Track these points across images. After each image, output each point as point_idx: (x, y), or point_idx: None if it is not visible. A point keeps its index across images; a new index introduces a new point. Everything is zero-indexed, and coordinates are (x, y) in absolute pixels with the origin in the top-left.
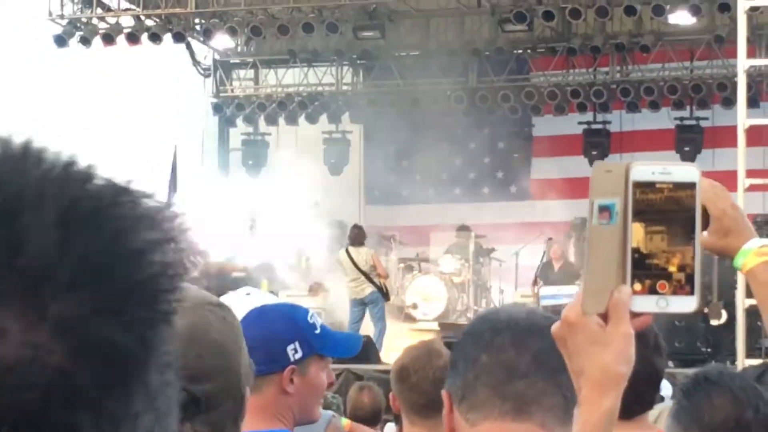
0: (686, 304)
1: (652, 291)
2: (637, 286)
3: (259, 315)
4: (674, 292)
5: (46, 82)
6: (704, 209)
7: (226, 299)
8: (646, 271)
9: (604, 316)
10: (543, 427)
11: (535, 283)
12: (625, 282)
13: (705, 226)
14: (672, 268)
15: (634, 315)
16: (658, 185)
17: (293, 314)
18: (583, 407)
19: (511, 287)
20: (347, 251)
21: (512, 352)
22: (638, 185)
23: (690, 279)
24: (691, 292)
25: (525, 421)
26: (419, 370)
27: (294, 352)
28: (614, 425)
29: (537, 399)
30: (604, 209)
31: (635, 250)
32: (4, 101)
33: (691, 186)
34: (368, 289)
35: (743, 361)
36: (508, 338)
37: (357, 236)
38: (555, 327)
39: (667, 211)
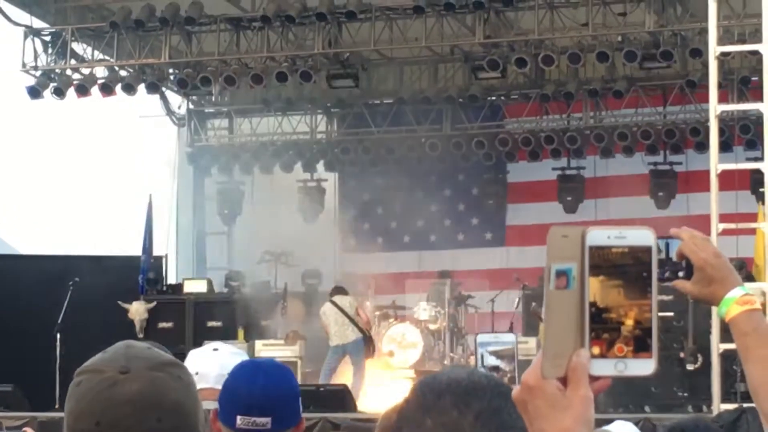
0: (644, 367)
1: (611, 353)
2: (596, 350)
3: (270, 369)
4: (632, 355)
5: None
6: (687, 259)
7: (194, 354)
8: (602, 324)
9: (564, 380)
10: None
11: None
12: (584, 346)
13: (690, 275)
14: (628, 322)
15: (594, 378)
16: (614, 249)
17: (289, 369)
18: None
19: None
20: (331, 302)
21: (455, 413)
22: (594, 250)
23: (647, 338)
24: (650, 355)
25: None
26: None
27: (300, 406)
28: None
29: None
30: (562, 274)
31: (592, 304)
32: None
33: (647, 250)
34: (352, 335)
35: (719, 406)
36: (450, 400)
37: (339, 290)
38: (515, 391)
39: (624, 265)
